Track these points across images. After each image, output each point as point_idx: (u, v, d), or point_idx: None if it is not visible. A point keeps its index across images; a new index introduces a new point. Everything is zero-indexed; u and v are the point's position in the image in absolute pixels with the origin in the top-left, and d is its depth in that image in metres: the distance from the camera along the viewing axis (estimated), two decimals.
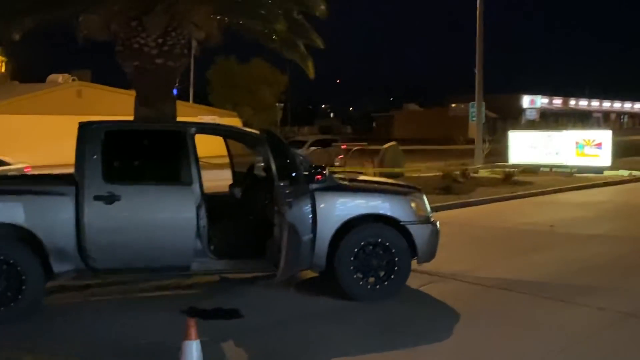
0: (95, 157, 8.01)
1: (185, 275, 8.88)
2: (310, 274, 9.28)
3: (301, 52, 15.17)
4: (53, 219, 7.82)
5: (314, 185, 8.39)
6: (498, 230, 14.33)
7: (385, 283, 8.59)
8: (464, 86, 31.74)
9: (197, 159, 8.40)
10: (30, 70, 55.16)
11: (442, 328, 7.63)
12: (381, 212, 8.72)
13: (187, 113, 40.34)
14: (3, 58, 56.11)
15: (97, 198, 7.87)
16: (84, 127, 8.21)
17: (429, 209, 9.11)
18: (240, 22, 14.02)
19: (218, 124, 10.35)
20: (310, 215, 8.30)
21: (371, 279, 8.57)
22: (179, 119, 13.29)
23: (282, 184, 7.89)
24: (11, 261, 7.62)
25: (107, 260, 7.97)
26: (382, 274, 8.62)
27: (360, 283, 8.51)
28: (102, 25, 13.69)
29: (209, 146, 11.05)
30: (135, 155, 8.64)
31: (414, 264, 8.93)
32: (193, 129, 8.54)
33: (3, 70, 55.50)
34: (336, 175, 9.20)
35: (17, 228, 7.70)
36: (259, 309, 8.19)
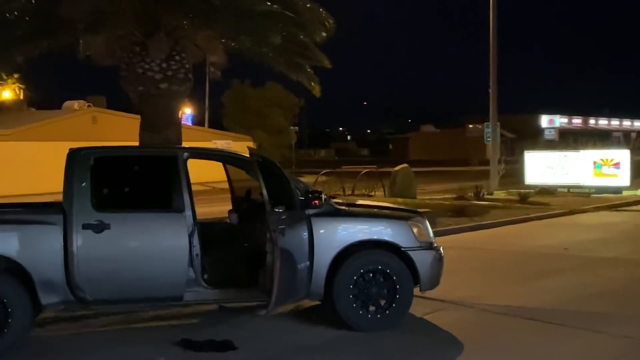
0: (84, 184, 7.76)
1: (180, 306, 8.56)
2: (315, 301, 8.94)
3: (307, 73, 15.01)
4: (40, 249, 7.54)
5: (310, 211, 8.09)
6: (510, 254, 13.92)
7: (387, 312, 8.24)
8: (481, 107, 31.39)
9: (189, 185, 8.13)
10: (47, 97, 55.45)
11: (444, 359, 7.28)
12: (381, 237, 8.40)
13: (201, 137, 40.40)
14: (21, 85, 56.51)
15: (86, 227, 7.60)
16: (72, 154, 7.98)
17: (431, 234, 8.77)
18: (246, 45, 13.87)
19: (208, 148, 10.09)
20: (307, 242, 8.00)
21: (371, 308, 8.23)
22: (193, 143, 13.15)
23: (276, 209, 7.60)
24: None
25: (96, 292, 7.67)
26: (382, 302, 8.27)
27: (360, 312, 8.16)
28: (107, 51, 13.64)
29: (217, 171, 10.70)
30: (125, 181, 8.39)
31: (418, 291, 8.58)
32: (185, 154, 8.29)
33: (21, 97, 55.83)
34: (334, 200, 8.89)
35: (2, 259, 7.43)
36: (253, 341, 7.87)
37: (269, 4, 13.31)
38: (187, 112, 57.75)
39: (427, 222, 8.81)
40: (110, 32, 13.12)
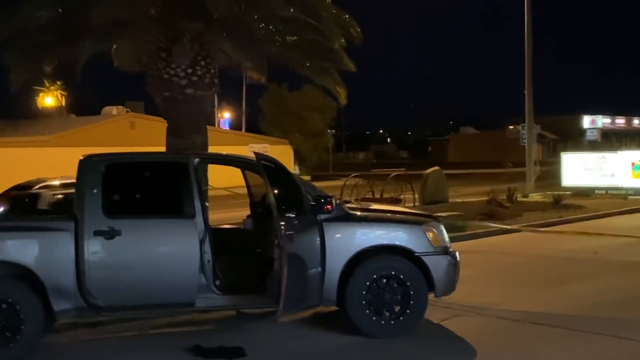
0: (95, 190, 7.79)
1: (193, 312, 8.55)
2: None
3: (333, 78, 14.92)
4: (52, 255, 7.60)
5: (322, 216, 8.01)
6: (536, 258, 13.65)
7: (400, 318, 8.13)
8: (523, 108, 30.86)
9: (200, 191, 8.12)
10: (87, 103, 56.41)
11: None
12: (395, 242, 8.29)
13: (238, 142, 40.65)
14: (63, 92, 57.47)
15: (97, 233, 7.64)
16: (84, 161, 8.03)
17: (447, 238, 8.62)
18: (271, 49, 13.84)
19: (218, 154, 10.06)
20: (319, 248, 7.92)
21: (385, 314, 8.13)
22: (229, 148, 13.21)
23: (286, 215, 7.55)
24: (9, 300, 7.40)
25: (108, 298, 7.70)
26: (396, 308, 8.16)
27: (374, 318, 8.06)
28: (134, 57, 13.71)
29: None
30: (136, 188, 8.40)
31: (433, 297, 8.45)
32: (195, 160, 8.29)
33: (63, 103, 56.80)
34: (347, 205, 8.80)
35: (15, 266, 7.50)
36: (264, 348, 7.82)
37: (292, 10, 13.27)
38: (224, 116, 58.20)
39: (442, 227, 8.66)
40: (135, 39, 13.19)
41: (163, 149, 12.57)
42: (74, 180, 8.19)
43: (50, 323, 7.90)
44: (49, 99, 55.31)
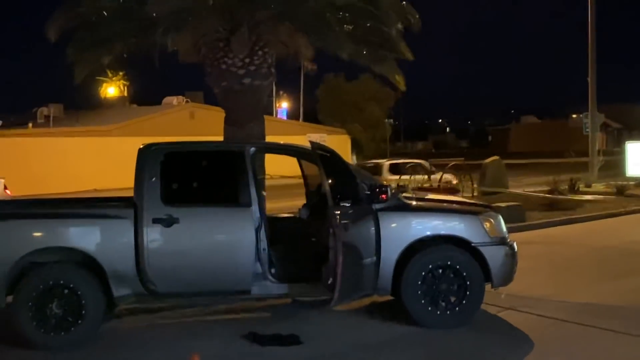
0: (154, 179, 7.93)
1: (249, 299, 8.64)
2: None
3: (390, 66, 14.84)
4: (113, 242, 7.77)
5: (377, 206, 7.99)
6: (598, 250, 13.36)
7: (456, 309, 8.05)
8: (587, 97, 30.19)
9: (256, 180, 8.18)
10: (149, 94, 57.34)
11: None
12: (451, 233, 8.21)
13: (295, 131, 40.82)
14: (125, 82, 58.59)
15: (155, 221, 7.78)
16: (143, 150, 8.17)
17: (504, 229, 8.49)
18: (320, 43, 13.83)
19: (274, 143, 10.09)
20: (374, 237, 7.91)
21: (441, 305, 8.07)
22: (286, 137, 13.29)
23: (341, 204, 7.56)
24: (71, 285, 7.60)
25: (166, 284, 7.84)
26: (452, 299, 8.09)
27: (429, 309, 8.01)
28: (193, 48, 13.88)
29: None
30: (193, 176, 8.50)
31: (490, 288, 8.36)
32: (251, 149, 8.36)
33: (125, 94, 57.89)
34: (403, 195, 8.76)
35: (77, 252, 7.70)
36: (320, 336, 7.85)
37: None
38: (282, 106, 58.51)
39: (500, 217, 8.54)
40: (194, 30, 13.35)
41: (221, 138, 12.71)
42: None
43: (110, 309, 8.10)
44: (111, 89, 56.46)
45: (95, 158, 34.66)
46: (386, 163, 26.96)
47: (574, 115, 76.56)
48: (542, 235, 15.18)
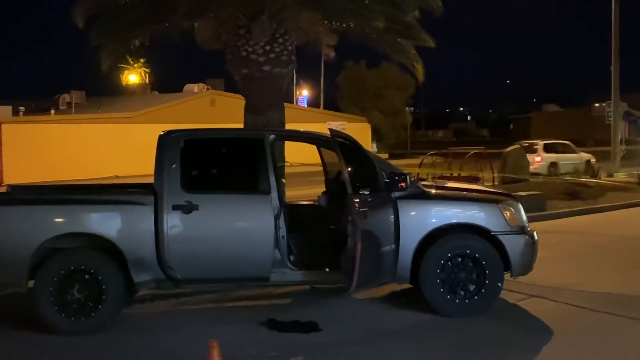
0: (174, 166, 7.96)
1: (268, 286, 8.67)
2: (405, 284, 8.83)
3: (410, 54, 14.76)
4: (133, 228, 7.82)
5: (396, 194, 7.98)
6: (620, 239, 13.26)
7: (475, 297, 8.05)
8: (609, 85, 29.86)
9: (275, 167, 8.19)
10: (170, 81, 57.52)
11: (530, 349, 7.03)
12: (470, 221, 8.18)
13: (315, 119, 40.75)
14: (146, 69, 58.73)
15: (175, 207, 7.81)
16: (163, 137, 8.20)
17: (524, 218, 8.44)
18: (344, 25, 13.80)
19: (294, 130, 10.07)
20: (392, 225, 7.90)
21: (460, 293, 8.05)
22: (306, 125, 13.29)
23: (360, 192, 7.55)
24: (92, 271, 7.67)
25: (185, 271, 7.89)
26: (471, 287, 8.08)
27: (448, 297, 8.00)
28: (214, 35, 13.91)
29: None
30: (213, 163, 8.53)
31: (509, 277, 8.33)
32: (271, 136, 8.36)
33: (146, 81, 58.05)
34: (422, 183, 8.73)
35: (97, 238, 7.76)
36: (338, 323, 7.86)
37: None
38: (303, 93, 58.45)
39: (520, 206, 8.49)
40: (215, 16, 13.36)
41: (242, 126, 12.74)
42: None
43: (130, 294, 8.17)
44: (133, 77, 56.62)
45: (116, 145, 34.83)
46: (541, 143, 29.28)
47: (597, 104, 75.88)
48: (563, 225, 15.10)
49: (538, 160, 27.06)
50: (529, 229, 8.42)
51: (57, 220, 7.78)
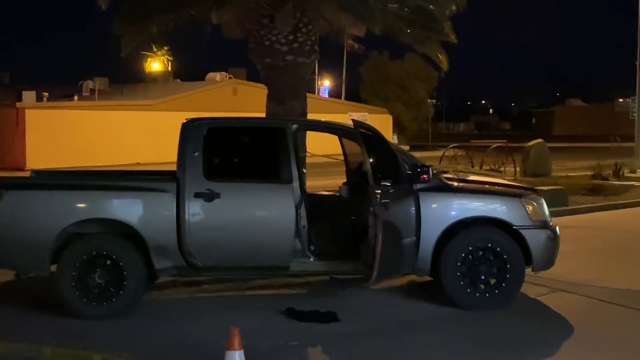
0: (196, 154, 7.98)
1: (288, 276, 8.69)
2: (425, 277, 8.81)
3: (434, 45, 14.69)
4: (155, 215, 7.86)
5: (418, 185, 7.96)
6: None
7: (496, 291, 8.01)
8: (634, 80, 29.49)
9: (297, 156, 8.19)
10: (192, 69, 57.55)
11: (550, 344, 7.01)
12: (492, 215, 8.14)
13: (336, 110, 40.67)
14: (169, 57, 58.85)
15: (197, 195, 7.84)
16: (186, 124, 8.22)
17: (547, 212, 8.39)
18: (360, 23, 13.74)
19: (316, 120, 10.06)
20: (414, 217, 7.88)
21: (480, 287, 8.02)
22: (327, 116, 13.27)
23: (382, 183, 7.54)
24: (114, 257, 7.72)
25: (206, 258, 7.92)
26: (492, 281, 8.05)
27: (468, 290, 7.97)
28: (237, 23, 13.91)
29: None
30: (235, 152, 8.56)
31: (530, 272, 8.30)
32: (293, 126, 8.36)
33: (169, 69, 58.18)
34: (445, 175, 8.70)
35: (119, 224, 7.80)
36: (358, 314, 7.88)
37: None
38: (325, 84, 58.37)
39: (543, 200, 8.44)
40: (239, 5, 13.36)
41: (264, 115, 12.74)
42: None
43: (151, 280, 8.22)
44: (155, 64, 56.75)
45: (139, 132, 35.01)
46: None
47: (620, 99, 75.10)
48: (585, 220, 14.99)
49: None
50: (551, 224, 8.36)
51: (80, 205, 7.85)
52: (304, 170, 9.30)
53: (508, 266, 7.98)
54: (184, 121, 8.29)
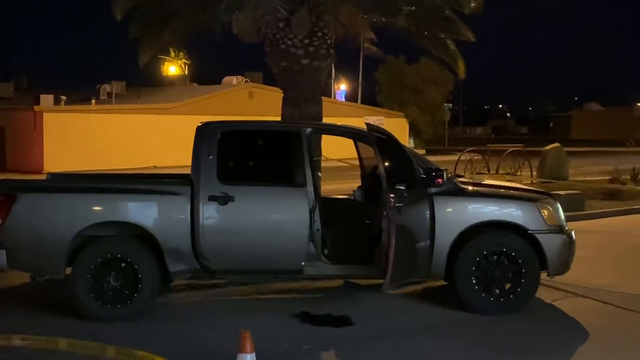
0: (211, 157, 8.00)
1: (301, 279, 8.68)
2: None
3: (450, 49, 14.65)
4: (169, 218, 7.88)
5: (433, 189, 7.93)
6: None
7: (511, 296, 7.96)
8: None
9: (312, 160, 8.19)
10: (209, 73, 57.79)
11: (565, 349, 6.96)
12: (507, 219, 8.10)
13: (352, 113, 40.72)
14: (186, 61, 59.09)
15: (211, 198, 7.85)
16: (201, 128, 8.25)
17: (562, 217, 8.33)
18: (383, 19, 13.75)
19: (330, 124, 10.05)
20: (428, 221, 7.86)
21: (495, 291, 7.98)
22: (343, 119, 13.30)
23: (396, 187, 7.52)
24: (128, 259, 7.75)
25: (220, 261, 7.94)
26: (507, 286, 8.00)
27: (483, 295, 7.93)
28: (253, 28, 13.96)
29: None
30: (249, 155, 8.57)
31: (546, 277, 8.25)
32: (307, 130, 8.36)
33: (186, 73, 58.41)
34: (459, 179, 8.67)
35: (134, 227, 7.84)
36: (371, 318, 7.85)
37: None
38: (340, 88, 58.36)
39: (559, 205, 8.38)
40: (255, 9, 13.40)
41: (279, 118, 12.76)
42: None
43: (165, 283, 8.25)
44: (173, 68, 56.99)
45: (155, 135, 35.17)
46: None
47: (639, 104, 74.73)
48: (602, 225, 14.88)
49: None
50: (567, 228, 8.31)
51: (95, 208, 7.89)
52: (319, 174, 9.29)
53: (523, 271, 7.93)
54: (199, 125, 8.32)
